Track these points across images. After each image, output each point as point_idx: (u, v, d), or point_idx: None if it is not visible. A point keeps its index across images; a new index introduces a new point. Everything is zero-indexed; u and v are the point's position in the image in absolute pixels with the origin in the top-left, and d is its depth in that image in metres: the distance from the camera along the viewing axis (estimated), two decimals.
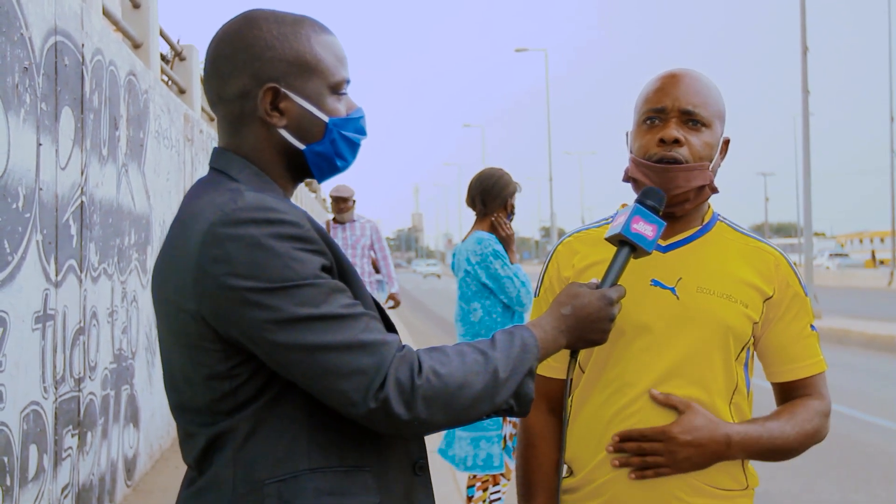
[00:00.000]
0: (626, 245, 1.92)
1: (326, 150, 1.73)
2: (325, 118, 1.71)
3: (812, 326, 2.17)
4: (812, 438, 2.10)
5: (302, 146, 1.71)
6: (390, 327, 1.70)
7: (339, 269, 1.64)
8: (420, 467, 1.75)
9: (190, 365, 1.62)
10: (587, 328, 1.80)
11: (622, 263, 1.92)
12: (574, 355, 1.92)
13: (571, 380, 2.01)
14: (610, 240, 1.96)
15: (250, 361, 1.58)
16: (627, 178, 2.14)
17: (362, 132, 1.79)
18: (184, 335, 1.61)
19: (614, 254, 1.94)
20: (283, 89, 1.67)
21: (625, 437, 1.98)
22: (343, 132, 1.74)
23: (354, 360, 1.53)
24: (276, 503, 1.57)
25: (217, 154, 1.75)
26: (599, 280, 1.91)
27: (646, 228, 1.91)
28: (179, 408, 1.69)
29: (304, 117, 1.70)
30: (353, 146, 1.77)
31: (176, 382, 1.68)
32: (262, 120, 1.69)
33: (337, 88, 1.73)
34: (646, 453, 1.98)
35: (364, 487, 1.63)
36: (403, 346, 1.60)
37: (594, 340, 1.83)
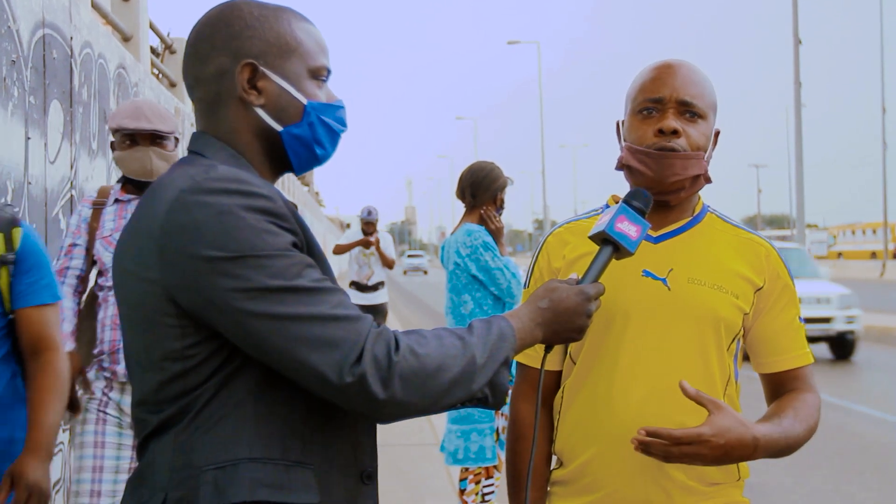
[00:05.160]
0: (609, 244, 1.90)
1: (304, 133, 1.69)
2: (304, 100, 1.69)
3: (800, 319, 2.17)
4: (813, 432, 2.09)
5: (279, 127, 1.68)
6: None
7: (311, 253, 1.59)
8: (368, 476, 1.68)
9: (143, 343, 1.58)
10: (563, 323, 1.76)
11: (604, 262, 1.89)
12: (548, 350, 1.89)
13: (545, 372, 1.98)
14: (593, 238, 1.93)
15: (207, 342, 1.53)
16: (621, 166, 2.12)
17: (342, 123, 1.75)
18: (141, 309, 1.56)
19: (597, 252, 1.91)
20: (261, 67, 1.65)
21: (652, 433, 1.87)
22: (322, 117, 1.70)
23: (327, 331, 1.48)
24: (210, 490, 1.51)
25: (194, 137, 1.71)
26: (580, 276, 1.89)
27: (630, 228, 1.89)
28: (137, 403, 1.64)
29: (282, 97, 1.67)
30: (333, 135, 1.74)
31: (132, 372, 1.64)
32: (240, 100, 1.66)
33: (317, 74, 1.71)
34: (671, 454, 1.88)
35: (304, 485, 1.56)
36: (379, 325, 1.56)
37: (570, 337, 1.79)
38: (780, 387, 2.16)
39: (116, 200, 3.87)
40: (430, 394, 1.54)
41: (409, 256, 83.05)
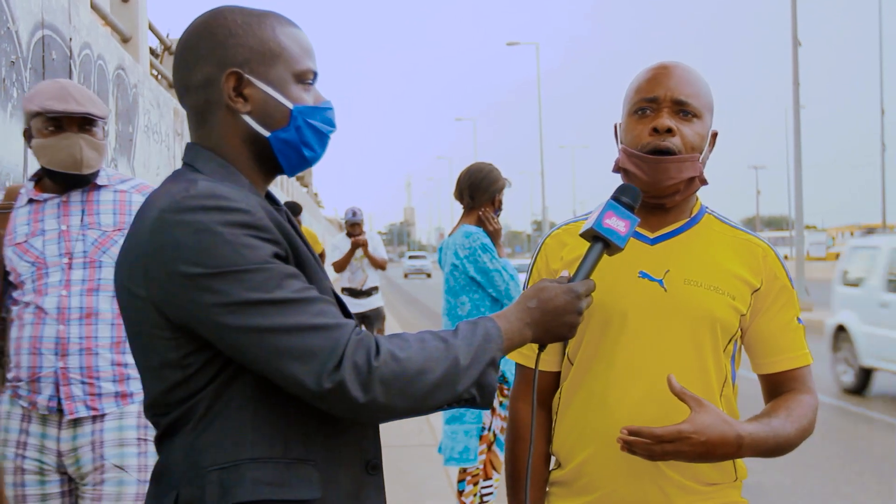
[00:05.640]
0: (600, 240, 1.91)
1: (292, 137, 1.72)
2: (290, 104, 1.71)
3: (799, 320, 2.16)
4: (807, 433, 2.09)
5: (266, 133, 1.71)
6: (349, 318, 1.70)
7: (297, 260, 1.64)
8: (373, 467, 1.74)
9: (144, 354, 1.65)
10: (553, 321, 1.78)
11: (594, 258, 1.90)
12: (542, 349, 1.90)
13: (544, 373, 2.13)
14: (584, 235, 1.94)
15: (202, 351, 1.59)
16: (618, 169, 2.13)
17: (330, 124, 1.78)
18: (138, 323, 1.63)
19: (587, 249, 1.92)
20: (246, 75, 1.69)
21: (634, 433, 1.88)
22: (309, 120, 1.73)
23: (306, 341, 1.52)
24: (216, 490, 1.57)
25: (186, 148, 1.75)
26: (571, 274, 1.89)
27: (618, 224, 1.90)
28: (148, 407, 1.71)
29: (268, 103, 1.70)
30: (321, 136, 1.77)
31: (141, 377, 1.70)
32: (228, 107, 1.70)
33: (302, 77, 1.74)
34: (654, 452, 1.89)
35: (306, 481, 1.61)
36: (361, 331, 1.59)
37: (561, 334, 1.80)
38: (777, 387, 2.16)
39: (31, 201, 3.22)
40: (412, 396, 1.57)
41: (411, 258, 72.09)
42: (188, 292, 1.53)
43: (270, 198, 1.82)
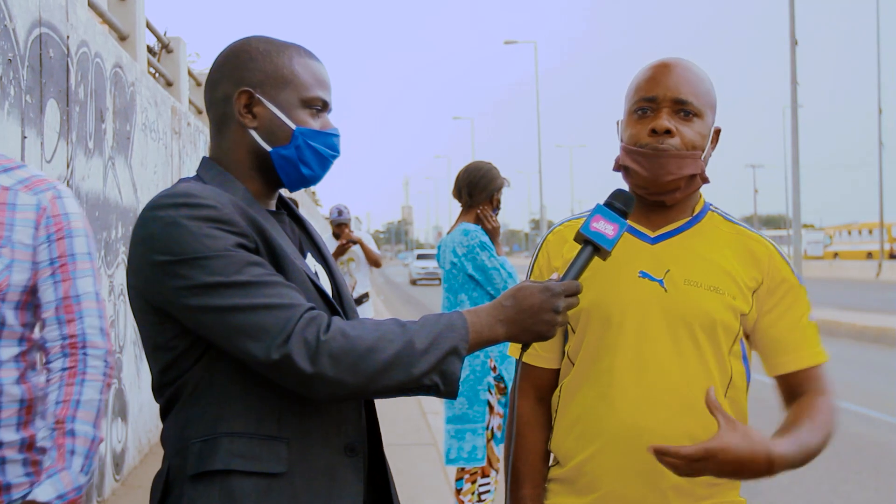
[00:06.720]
0: (589, 244, 1.91)
1: (291, 154, 1.88)
2: (292, 125, 1.88)
3: (809, 317, 2.12)
4: (830, 439, 2.04)
5: (269, 148, 1.88)
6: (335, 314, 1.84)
7: (270, 252, 1.78)
8: (351, 449, 1.83)
9: (143, 339, 1.82)
10: (529, 319, 1.79)
11: (583, 261, 1.90)
12: (525, 348, 1.90)
13: (545, 370, 2.16)
14: (576, 239, 1.95)
15: (185, 335, 1.75)
16: (618, 167, 2.12)
17: (333, 149, 1.93)
18: (136, 310, 1.81)
19: (577, 251, 1.92)
20: (256, 94, 1.87)
21: (661, 451, 1.82)
22: (309, 141, 1.88)
23: (258, 319, 1.66)
24: (195, 459, 1.74)
25: (201, 160, 1.94)
26: (561, 275, 1.90)
27: (606, 227, 1.90)
28: (153, 389, 1.86)
29: (273, 122, 1.87)
30: (322, 159, 1.91)
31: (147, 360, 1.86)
32: (239, 122, 1.88)
33: (309, 103, 1.90)
34: (681, 470, 1.84)
35: (274, 456, 1.74)
36: (316, 312, 1.70)
37: (539, 333, 1.80)
38: (793, 389, 2.11)
39: None
40: (363, 373, 1.66)
41: (420, 257, 53.66)
42: (161, 278, 1.70)
43: (285, 205, 2.01)
